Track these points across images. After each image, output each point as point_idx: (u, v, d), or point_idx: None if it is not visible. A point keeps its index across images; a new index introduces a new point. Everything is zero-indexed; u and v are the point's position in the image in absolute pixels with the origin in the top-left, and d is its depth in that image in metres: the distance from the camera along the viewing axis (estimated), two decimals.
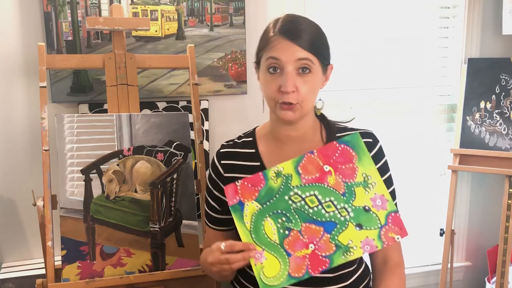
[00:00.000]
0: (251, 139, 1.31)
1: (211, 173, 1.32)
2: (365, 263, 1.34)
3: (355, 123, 1.34)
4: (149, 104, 1.87)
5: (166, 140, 1.65)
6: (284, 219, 1.11)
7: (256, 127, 1.35)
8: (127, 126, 1.62)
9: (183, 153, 1.66)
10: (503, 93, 2.18)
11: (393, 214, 1.10)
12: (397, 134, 2.29)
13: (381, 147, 1.28)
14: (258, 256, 1.09)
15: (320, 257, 1.08)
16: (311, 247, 1.09)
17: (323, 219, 1.10)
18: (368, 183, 1.12)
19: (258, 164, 1.26)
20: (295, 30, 1.14)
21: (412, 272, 2.35)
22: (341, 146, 1.14)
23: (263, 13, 1.95)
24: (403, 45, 2.25)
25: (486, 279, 2.32)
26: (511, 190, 2.13)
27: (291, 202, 1.12)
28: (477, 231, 2.46)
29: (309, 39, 1.14)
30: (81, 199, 1.54)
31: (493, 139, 2.18)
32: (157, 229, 1.59)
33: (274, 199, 1.12)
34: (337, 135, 1.26)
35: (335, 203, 1.11)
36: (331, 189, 1.12)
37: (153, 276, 1.55)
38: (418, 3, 2.23)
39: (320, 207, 1.11)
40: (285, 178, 1.13)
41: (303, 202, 1.11)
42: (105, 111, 1.77)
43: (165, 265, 1.60)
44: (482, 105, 2.21)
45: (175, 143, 1.66)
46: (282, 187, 1.12)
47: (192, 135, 1.74)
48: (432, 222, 2.40)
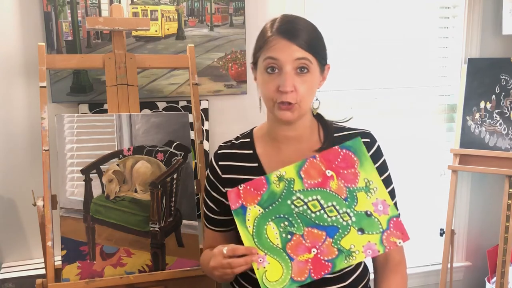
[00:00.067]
0: (248, 140, 1.30)
1: (209, 175, 1.31)
2: (364, 263, 1.34)
3: (355, 123, 1.34)
4: (149, 104, 1.87)
5: (166, 140, 1.65)
6: (286, 223, 1.11)
7: (253, 128, 1.34)
8: (127, 126, 1.62)
9: (183, 153, 1.66)
10: (503, 93, 2.18)
11: (395, 219, 1.10)
12: (397, 134, 2.29)
13: (379, 146, 1.27)
14: (260, 260, 1.09)
15: (322, 261, 1.08)
16: (314, 252, 1.09)
17: (326, 224, 1.10)
18: (369, 188, 1.12)
19: (256, 165, 1.26)
20: (293, 29, 1.14)
21: (412, 272, 2.35)
22: (343, 151, 1.14)
23: (263, 13, 1.95)
24: (403, 45, 2.24)
25: (486, 279, 2.32)
26: (511, 190, 2.13)
27: (293, 206, 1.11)
28: (477, 231, 2.46)
29: (307, 38, 1.14)
30: (81, 199, 1.54)
31: (493, 139, 2.18)
32: (157, 229, 1.59)
33: (276, 203, 1.12)
34: (334, 135, 1.26)
35: (337, 207, 1.11)
36: (333, 194, 1.12)
37: (153, 276, 1.55)
38: (418, 3, 2.23)
39: (322, 211, 1.11)
40: (287, 182, 1.13)
41: (305, 206, 1.11)
42: (105, 111, 1.77)
43: (165, 265, 1.60)
44: (482, 105, 2.20)
45: (175, 143, 1.66)
46: (284, 191, 1.12)
47: (192, 135, 1.74)
48: (432, 222, 2.40)
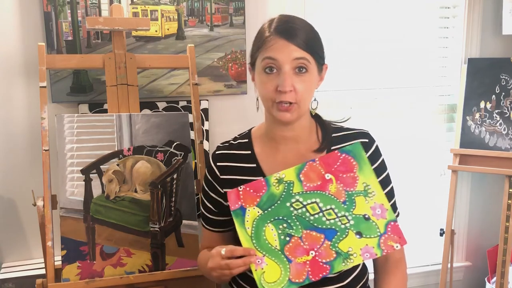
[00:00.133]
0: (246, 140, 1.30)
1: (207, 175, 1.31)
2: (363, 263, 1.33)
3: (355, 123, 1.34)
4: (149, 104, 1.87)
5: (166, 140, 1.65)
6: (285, 225, 1.11)
7: (251, 128, 1.34)
8: (127, 126, 1.62)
9: (183, 153, 1.66)
10: (503, 93, 2.18)
11: (392, 223, 1.11)
12: (397, 134, 2.29)
13: (377, 146, 1.27)
14: (258, 261, 1.09)
15: (320, 264, 1.09)
16: (312, 254, 1.09)
17: (324, 227, 1.11)
18: (368, 192, 1.12)
19: (254, 165, 1.25)
20: (291, 29, 1.14)
21: (412, 272, 2.35)
22: (343, 155, 1.14)
23: (263, 13, 1.95)
24: (403, 45, 2.24)
25: (486, 279, 2.32)
26: (511, 190, 2.13)
27: (292, 208, 1.12)
28: (477, 231, 2.46)
29: (305, 38, 1.14)
30: (81, 199, 1.54)
31: (493, 139, 2.18)
32: (157, 229, 1.59)
33: (275, 205, 1.12)
34: (333, 135, 1.26)
35: (336, 211, 1.11)
36: (332, 197, 1.12)
37: (153, 276, 1.55)
38: (418, 3, 2.23)
39: (321, 214, 1.11)
40: (287, 185, 1.13)
41: (304, 209, 1.12)
42: (105, 111, 1.77)
43: (165, 265, 1.60)
44: (482, 105, 2.21)
45: (175, 143, 1.66)
46: (283, 193, 1.13)
47: (192, 135, 1.74)
48: (432, 222, 2.40)
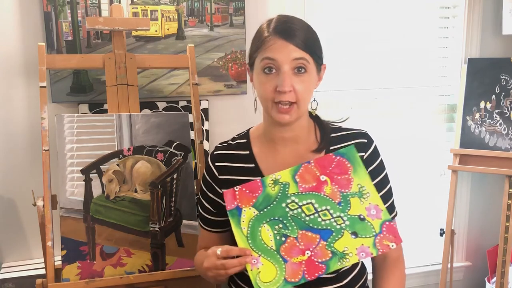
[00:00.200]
0: (245, 140, 1.30)
1: (206, 175, 1.31)
2: (362, 262, 1.33)
3: (355, 123, 1.34)
4: (149, 104, 1.87)
5: (166, 140, 1.65)
6: (281, 225, 1.12)
7: (250, 128, 1.34)
8: (127, 126, 1.62)
9: (183, 153, 1.66)
10: (503, 93, 2.18)
11: (388, 223, 1.11)
12: (397, 134, 2.29)
13: (376, 147, 1.27)
14: (254, 261, 1.09)
15: (316, 263, 1.09)
16: (308, 254, 1.10)
17: (319, 227, 1.11)
18: (363, 193, 1.13)
19: (252, 165, 1.25)
20: (289, 29, 1.14)
21: (412, 272, 2.35)
22: (337, 158, 1.16)
23: (263, 13, 1.95)
24: (403, 45, 2.24)
25: (486, 279, 2.32)
26: (511, 190, 2.13)
27: (288, 209, 1.12)
28: (477, 231, 2.46)
29: (304, 38, 1.14)
30: (81, 199, 1.54)
31: (493, 139, 2.18)
32: (157, 229, 1.59)
33: (271, 206, 1.13)
34: (331, 135, 1.26)
35: (331, 211, 1.12)
36: (327, 198, 1.13)
37: (153, 276, 1.55)
38: (418, 3, 2.23)
39: (316, 215, 1.12)
40: (282, 186, 1.14)
41: (299, 209, 1.12)
42: (105, 111, 1.77)
43: (165, 265, 1.60)
44: (482, 105, 2.21)
45: (175, 143, 1.66)
46: (279, 194, 1.13)
47: (192, 135, 1.74)
48: (432, 222, 2.40)
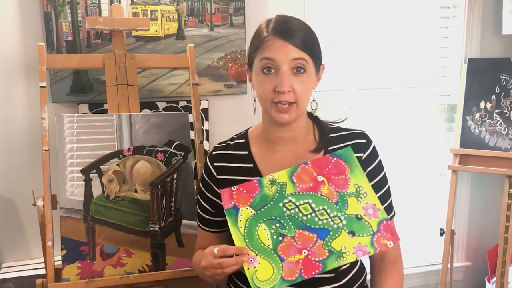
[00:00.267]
0: (243, 140, 1.30)
1: (204, 175, 1.31)
2: (360, 262, 1.33)
3: (355, 123, 1.34)
4: (149, 104, 1.87)
5: (166, 140, 1.65)
6: (278, 225, 1.12)
7: (248, 128, 1.34)
8: (127, 126, 1.62)
9: (183, 153, 1.66)
10: (503, 93, 2.18)
11: (385, 221, 1.11)
12: (397, 134, 2.29)
13: (374, 147, 1.27)
14: (251, 260, 1.09)
15: (313, 262, 1.09)
16: (305, 253, 1.10)
17: (317, 226, 1.11)
18: (360, 193, 1.14)
19: (251, 166, 1.25)
20: (289, 29, 1.13)
21: (412, 272, 2.35)
22: (334, 159, 1.16)
23: (263, 13, 1.95)
24: (403, 45, 2.25)
25: (486, 279, 2.32)
26: (511, 190, 2.13)
27: (285, 209, 1.13)
28: (477, 231, 2.46)
29: (303, 38, 1.14)
30: (81, 199, 1.54)
31: (493, 139, 2.18)
32: (157, 229, 1.59)
33: (268, 205, 1.13)
34: (330, 136, 1.26)
35: (328, 211, 1.12)
36: (325, 198, 1.13)
37: (153, 276, 1.55)
38: (418, 3, 2.23)
39: (313, 214, 1.12)
40: (279, 186, 1.14)
41: (297, 209, 1.13)
42: (105, 111, 1.77)
43: (165, 265, 1.60)
44: (482, 105, 2.21)
45: (175, 143, 1.66)
46: (276, 194, 1.14)
47: (192, 135, 1.74)
48: (432, 222, 2.40)
